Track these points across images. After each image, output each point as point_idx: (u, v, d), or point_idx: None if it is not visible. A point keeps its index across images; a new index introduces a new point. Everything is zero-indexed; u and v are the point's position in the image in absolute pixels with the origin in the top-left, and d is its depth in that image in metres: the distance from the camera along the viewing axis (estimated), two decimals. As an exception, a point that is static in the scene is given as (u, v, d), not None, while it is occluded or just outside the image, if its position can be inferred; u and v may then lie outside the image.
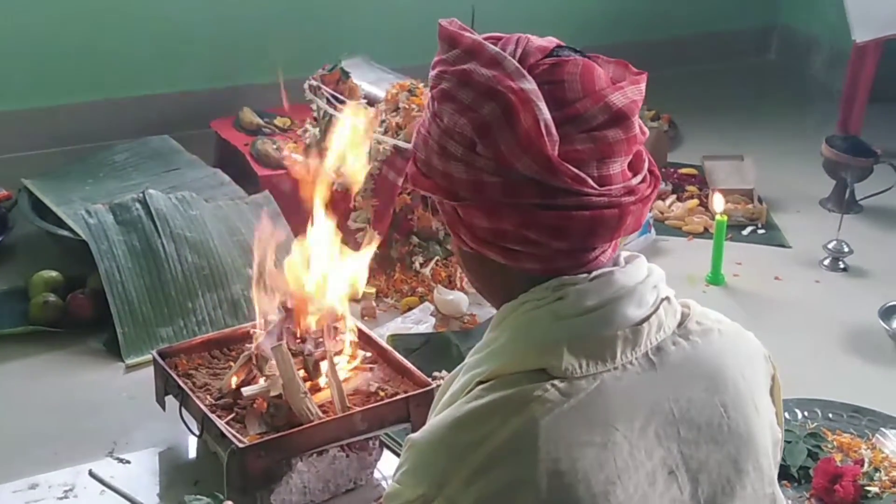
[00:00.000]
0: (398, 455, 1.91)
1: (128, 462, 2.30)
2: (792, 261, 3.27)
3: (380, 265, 3.00)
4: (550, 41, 1.21)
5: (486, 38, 1.20)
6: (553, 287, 1.18)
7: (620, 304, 1.18)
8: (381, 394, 2.22)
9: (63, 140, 3.75)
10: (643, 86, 1.20)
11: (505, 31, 1.24)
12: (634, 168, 1.21)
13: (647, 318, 1.20)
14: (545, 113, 1.13)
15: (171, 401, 2.27)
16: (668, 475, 1.17)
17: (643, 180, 1.21)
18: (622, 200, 1.17)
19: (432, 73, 1.22)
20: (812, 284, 3.14)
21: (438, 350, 2.65)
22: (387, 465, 2.24)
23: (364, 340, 2.37)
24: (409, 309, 2.87)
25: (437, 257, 3.00)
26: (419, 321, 2.80)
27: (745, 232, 3.41)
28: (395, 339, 2.66)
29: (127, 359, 2.64)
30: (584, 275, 1.19)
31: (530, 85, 1.14)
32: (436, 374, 2.50)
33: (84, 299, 2.77)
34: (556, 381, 1.14)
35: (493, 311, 1.26)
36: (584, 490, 1.11)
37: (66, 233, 2.89)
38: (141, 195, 2.90)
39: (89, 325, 2.75)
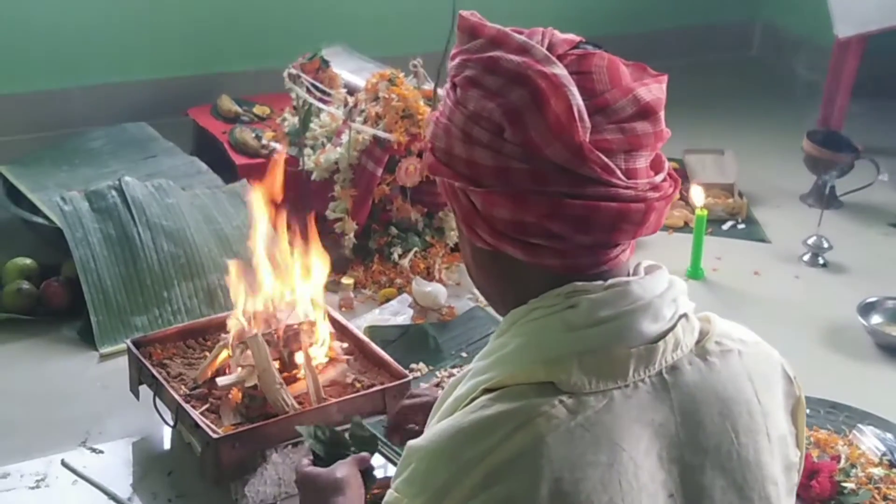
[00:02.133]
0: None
1: (101, 452, 2.27)
2: (771, 256, 3.26)
3: (358, 256, 2.98)
4: (573, 36, 1.20)
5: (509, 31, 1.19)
6: (565, 294, 1.15)
7: (634, 318, 1.15)
8: (358, 385, 2.21)
9: (38, 126, 3.71)
10: (665, 86, 1.18)
11: None
12: (656, 167, 1.19)
13: (663, 336, 1.16)
14: (578, 99, 1.11)
15: (145, 390, 2.26)
16: (667, 498, 1.14)
17: (664, 179, 1.20)
18: (648, 195, 1.15)
19: (453, 63, 1.20)
20: (791, 280, 3.14)
21: (416, 342, 2.63)
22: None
23: (341, 331, 2.35)
24: (387, 300, 2.85)
25: (415, 248, 2.98)
26: (397, 313, 2.78)
27: (724, 226, 3.40)
28: (373, 330, 2.65)
29: (101, 348, 2.61)
30: (599, 282, 1.15)
31: (561, 71, 1.12)
32: (413, 365, 2.49)
33: (58, 287, 2.75)
34: (563, 397, 1.11)
35: (471, 303, 1.23)
36: None
37: (40, 220, 2.87)
38: (117, 183, 2.87)
39: (63, 314, 2.73)
